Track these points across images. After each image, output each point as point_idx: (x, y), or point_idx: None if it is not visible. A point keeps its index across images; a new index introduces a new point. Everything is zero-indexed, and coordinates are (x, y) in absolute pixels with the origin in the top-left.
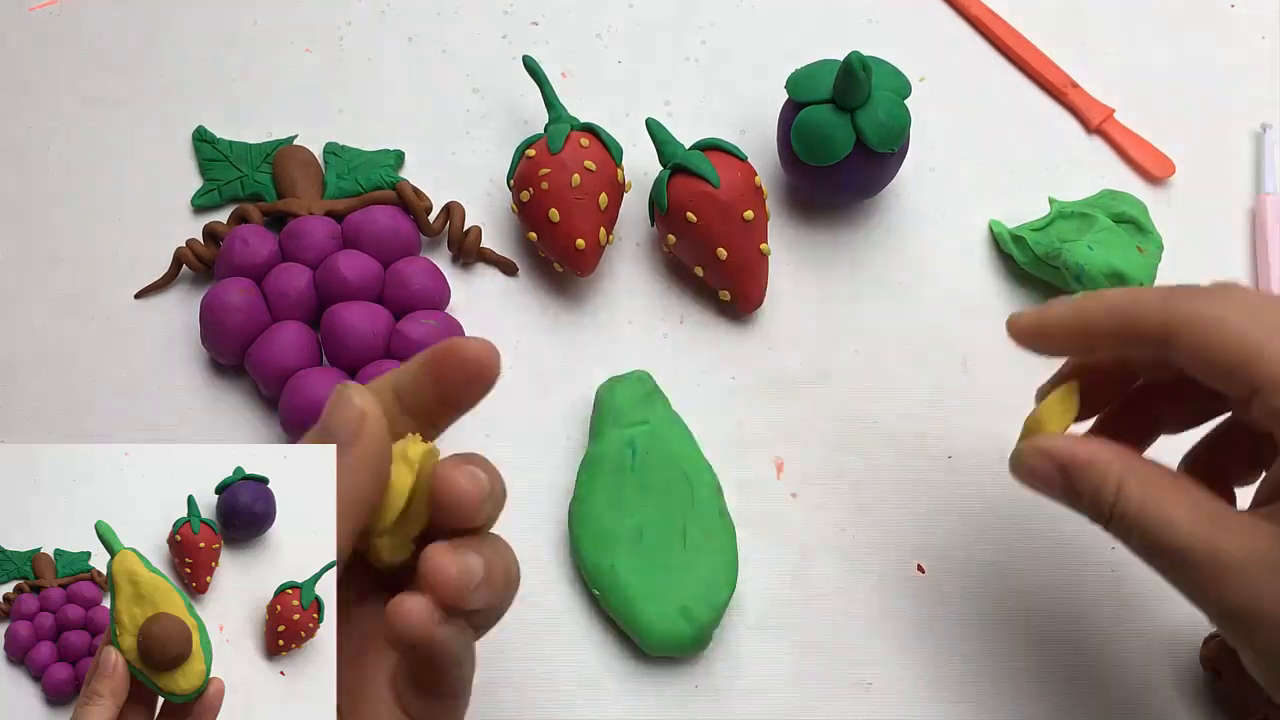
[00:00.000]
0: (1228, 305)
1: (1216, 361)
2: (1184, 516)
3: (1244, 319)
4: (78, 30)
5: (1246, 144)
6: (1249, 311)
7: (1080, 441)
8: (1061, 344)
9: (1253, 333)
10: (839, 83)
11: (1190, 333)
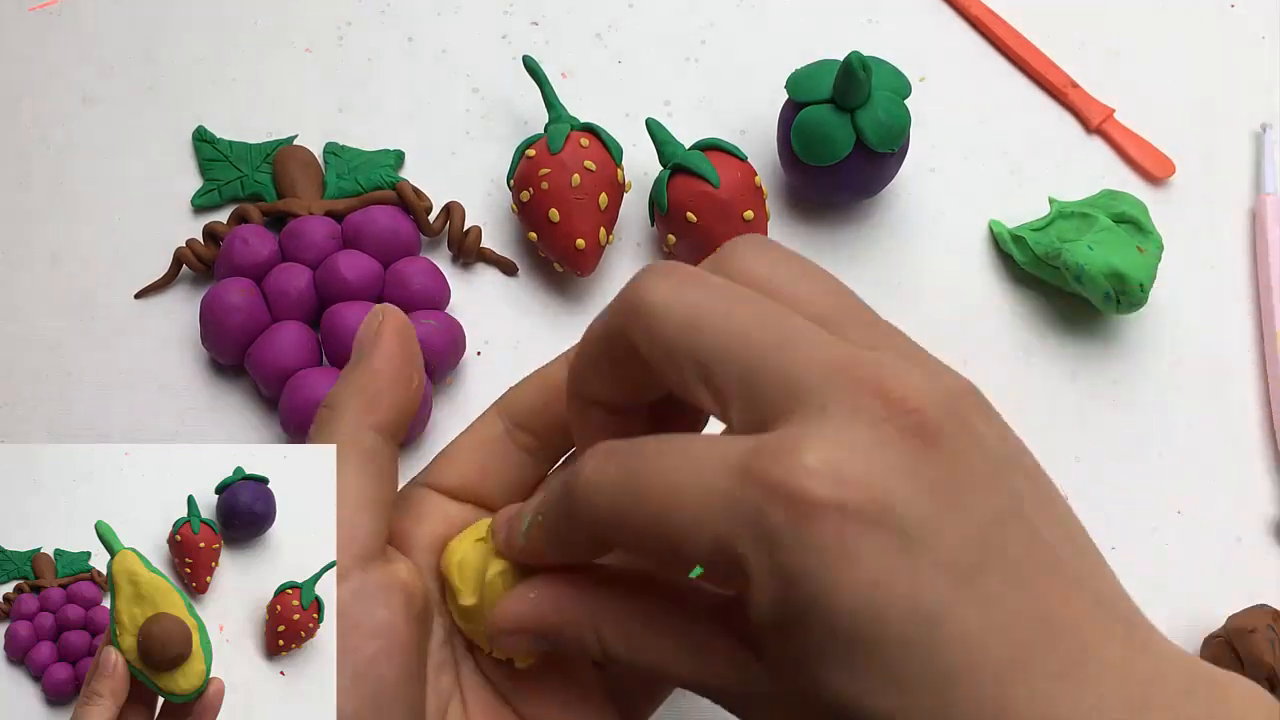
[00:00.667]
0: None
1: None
2: (671, 659)
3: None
4: (78, 30)
5: (1246, 144)
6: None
7: (545, 601)
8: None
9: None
10: (839, 83)
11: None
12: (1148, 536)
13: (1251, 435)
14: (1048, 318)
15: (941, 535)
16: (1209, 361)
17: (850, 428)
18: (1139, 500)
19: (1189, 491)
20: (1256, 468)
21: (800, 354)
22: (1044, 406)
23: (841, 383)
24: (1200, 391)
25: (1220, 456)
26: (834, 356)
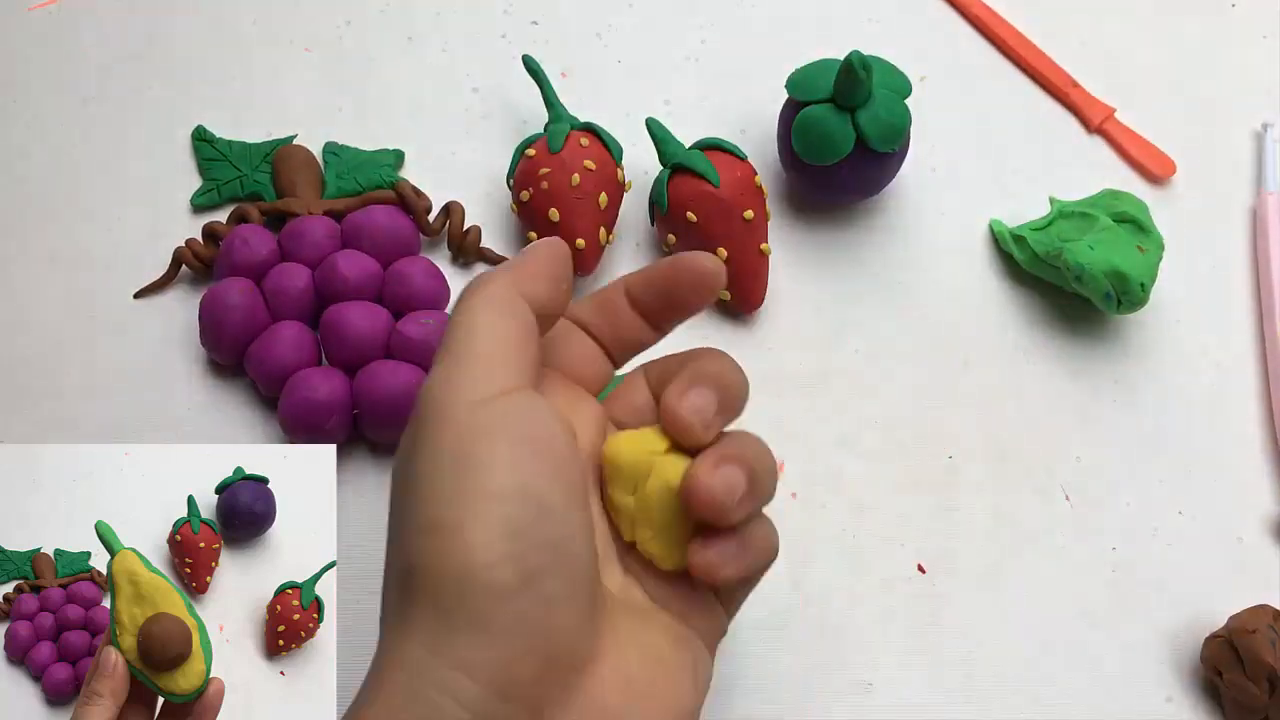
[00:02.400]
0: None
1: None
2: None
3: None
4: (78, 30)
5: (1246, 143)
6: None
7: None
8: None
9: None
10: (839, 82)
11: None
12: (1148, 536)
13: (1251, 435)
14: (1048, 318)
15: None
16: (1209, 361)
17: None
18: (1139, 500)
19: (1189, 491)
20: (1256, 468)
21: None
22: (1044, 406)
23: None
24: (1200, 391)
25: (1220, 456)
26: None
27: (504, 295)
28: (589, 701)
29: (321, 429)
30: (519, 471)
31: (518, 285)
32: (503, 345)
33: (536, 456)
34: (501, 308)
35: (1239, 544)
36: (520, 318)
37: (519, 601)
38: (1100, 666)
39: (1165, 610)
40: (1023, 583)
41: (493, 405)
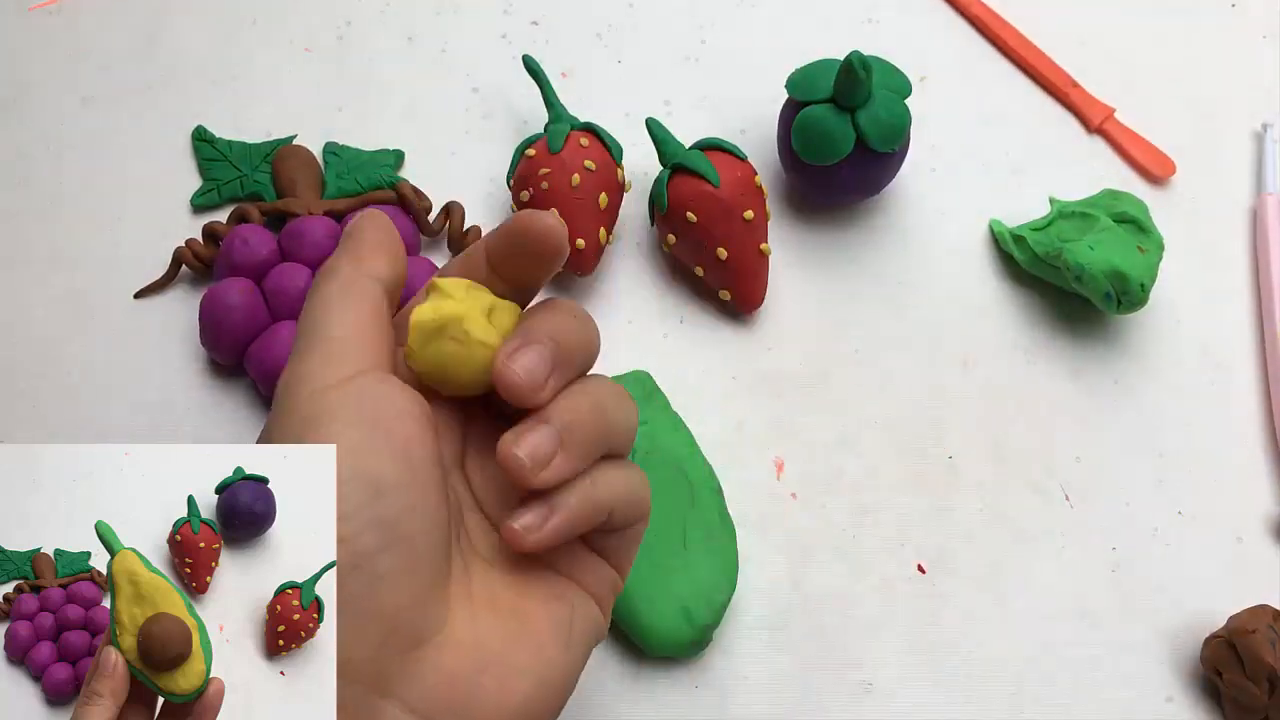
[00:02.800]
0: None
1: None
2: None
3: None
4: (78, 30)
5: (1246, 144)
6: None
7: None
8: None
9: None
10: (839, 82)
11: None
12: (1148, 536)
13: (1251, 435)
14: (1048, 318)
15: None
16: (1209, 361)
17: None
18: (1139, 500)
19: (1189, 491)
20: (1256, 468)
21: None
22: (1044, 406)
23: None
24: (1200, 391)
25: (1220, 456)
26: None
27: (349, 277)
28: (435, 671)
29: None
30: (353, 455)
31: (360, 266)
32: (350, 329)
33: (375, 437)
34: (348, 290)
35: (1239, 544)
36: (369, 299)
37: (349, 583)
38: (1100, 666)
39: (1165, 610)
40: (1023, 583)
41: (335, 390)
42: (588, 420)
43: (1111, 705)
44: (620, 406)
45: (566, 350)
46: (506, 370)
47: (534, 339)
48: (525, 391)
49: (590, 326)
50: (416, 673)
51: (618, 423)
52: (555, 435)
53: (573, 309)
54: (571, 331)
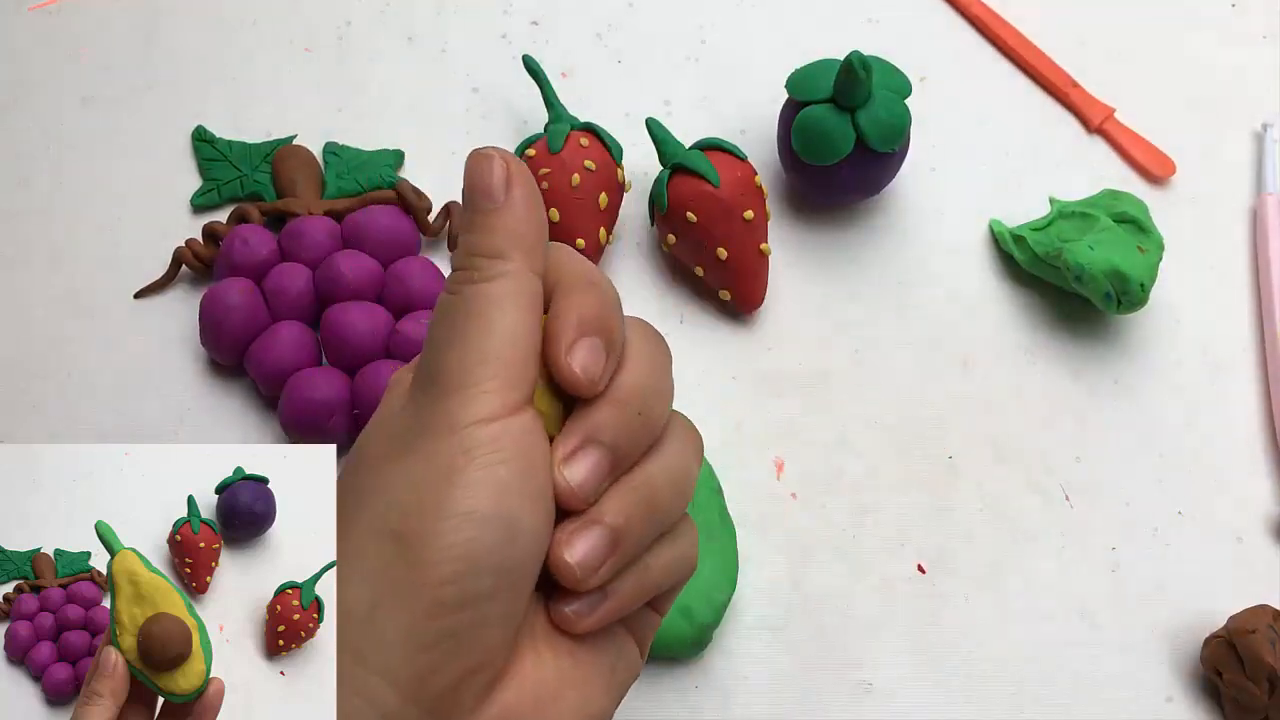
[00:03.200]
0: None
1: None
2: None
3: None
4: (78, 30)
5: (1246, 144)
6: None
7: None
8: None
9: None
10: (839, 82)
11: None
12: (1148, 536)
13: (1251, 435)
14: (1048, 318)
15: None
16: (1209, 361)
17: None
18: (1139, 500)
19: (1189, 491)
20: (1256, 468)
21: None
22: (1044, 406)
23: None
24: (1200, 391)
25: (1220, 456)
26: None
27: (528, 281)
28: (495, 705)
29: (321, 429)
30: (502, 493)
31: (534, 263)
32: (525, 350)
33: (524, 478)
34: (522, 301)
35: (1239, 544)
36: (538, 311)
37: (453, 620)
38: (1100, 666)
39: (1165, 610)
40: (1023, 583)
41: (499, 425)
42: (644, 516)
43: (1111, 705)
44: (684, 480)
45: (629, 447)
46: (557, 483)
47: (590, 438)
48: (577, 504)
49: (665, 378)
50: (482, 710)
51: (677, 503)
52: (609, 538)
53: (607, 302)
54: (617, 325)
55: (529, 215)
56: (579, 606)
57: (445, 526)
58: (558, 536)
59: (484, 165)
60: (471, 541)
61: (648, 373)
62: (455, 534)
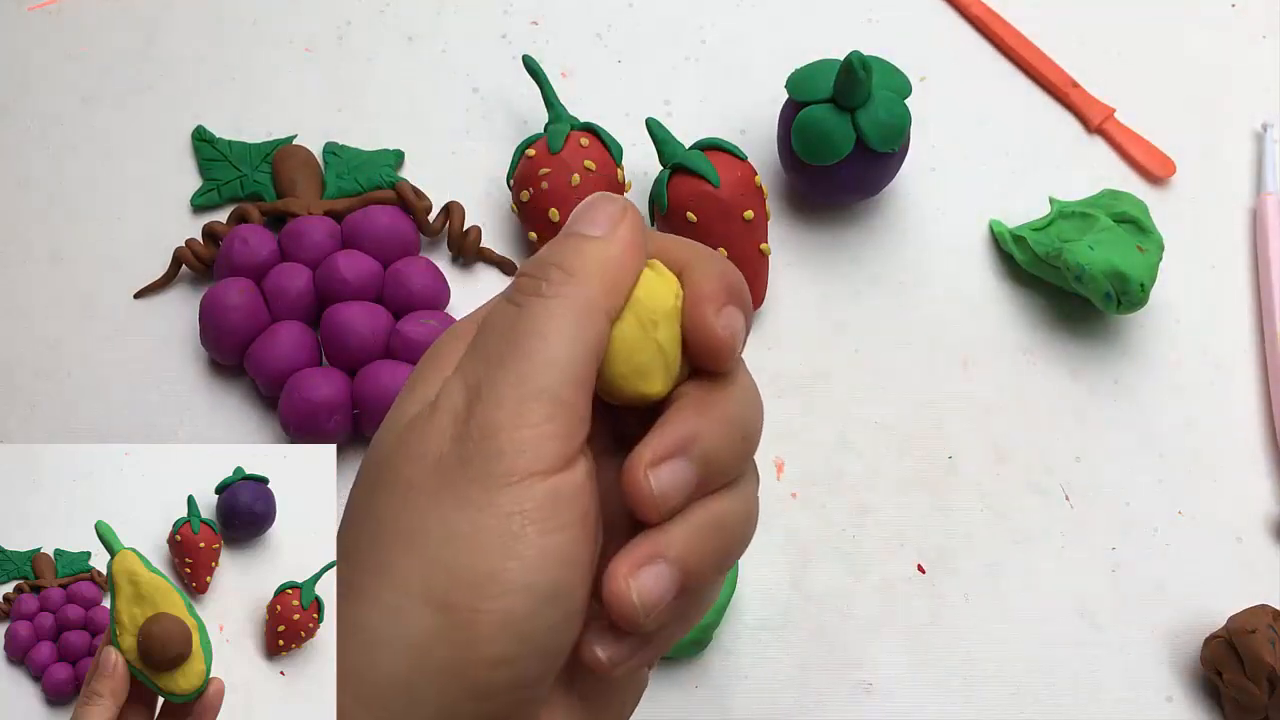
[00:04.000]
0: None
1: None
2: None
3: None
4: (78, 30)
5: (1246, 144)
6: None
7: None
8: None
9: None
10: (839, 82)
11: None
12: (1148, 536)
13: (1251, 435)
14: (1048, 318)
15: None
16: (1209, 361)
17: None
18: (1139, 500)
19: (1189, 491)
20: (1256, 468)
21: None
22: (1044, 406)
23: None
24: (1200, 391)
25: (1220, 456)
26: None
27: (597, 318)
28: None
29: (321, 429)
30: (560, 570)
31: (608, 303)
32: (580, 394)
33: (581, 547)
34: (589, 332)
35: (1239, 544)
36: (599, 353)
37: (496, 702)
38: (1100, 666)
39: (1165, 610)
40: (1023, 583)
41: (556, 480)
42: (714, 560)
43: (1111, 705)
44: (751, 525)
45: (722, 469)
46: (639, 485)
47: (688, 448)
48: (652, 515)
49: (762, 410)
50: None
51: (741, 548)
52: (677, 578)
53: (755, 386)
54: (747, 293)
55: (625, 258)
56: (619, 651)
57: (501, 604)
58: (619, 567)
59: (601, 201)
60: (527, 621)
61: (755, 396)
62: (511, 612)
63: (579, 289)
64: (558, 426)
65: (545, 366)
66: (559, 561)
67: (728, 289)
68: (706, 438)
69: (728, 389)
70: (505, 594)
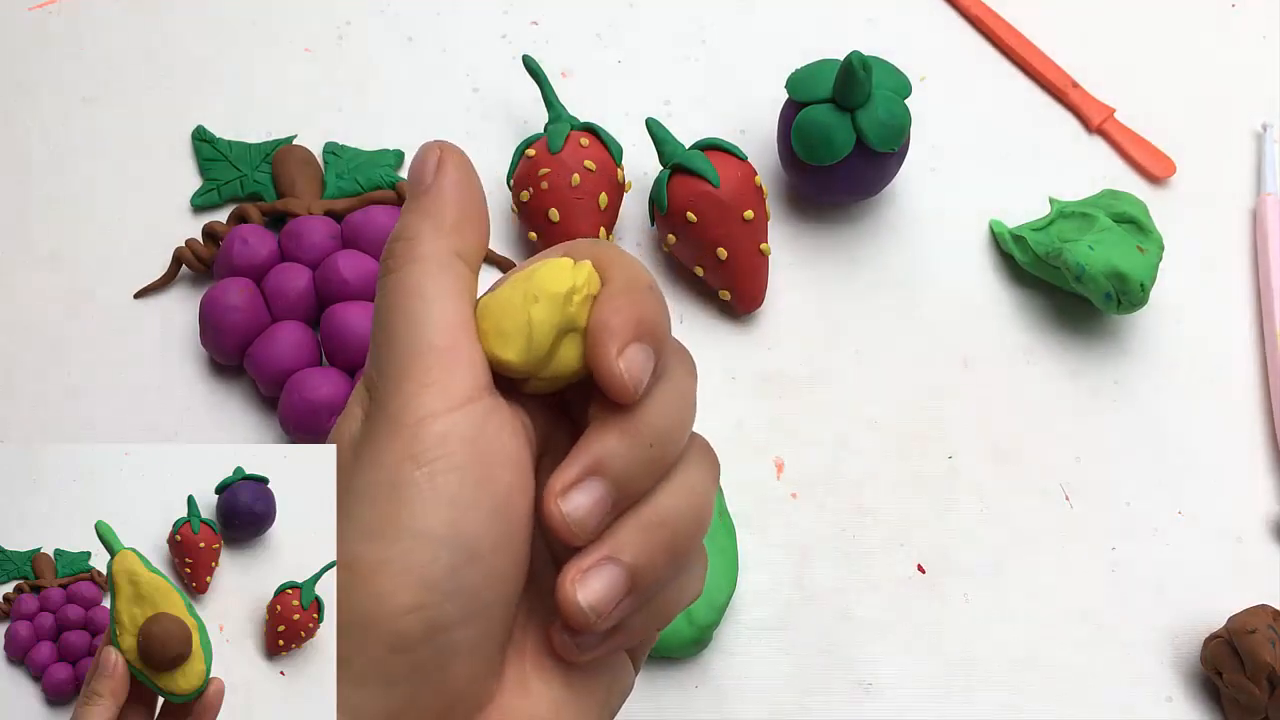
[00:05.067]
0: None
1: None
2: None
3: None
4: (78, 30)
5: (1246, 144)
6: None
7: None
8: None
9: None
10: (839, 82)
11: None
12: (1148, 536)
13: (1251, 435)
14: (1048, 318)
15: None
16: (1209, 361)
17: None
18: (1139, 500)
19: (1189, 491)
20: (1256, 468)
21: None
22: (1044, 406)
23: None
24: (1200, 391)
25: (1220, 456)
26: None
27: (447, 263)
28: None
29: (321, 429)
30: (456, 508)
31: (454, 243)
32: (452, 335)
33: (481, 489)
34: (440, 279)
35: (1239, 544)
36: (468, 291)
37: (419, 653)
38: (1100, 667)
39: (1165, 610)
40: (1023, 583)
41: (444, 421)
42: (665, 556)
43: (1111, 705)
44: (703, 510)
45: (637, 482)
46: (551, 514)
47: (595, 470)
48: (572, 540)
49: (689, 408)
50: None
51: (697, 537)
52: (625, 579)
53: (652, 300)
54: (662, 325)
55: (455, 196)
56: (585, 639)
57: (396, 551)
58: (569, 574)
59: (420, 153)
60: (427, 565)
61: (672, 402)
62: (407, 558)
63: (420, 247)
64: (439, 373)
65: (413, 325)
66: (451, 503)
67: (637, 323)
68: (615, 457)
69: (643, 399)
70: (398, 540)
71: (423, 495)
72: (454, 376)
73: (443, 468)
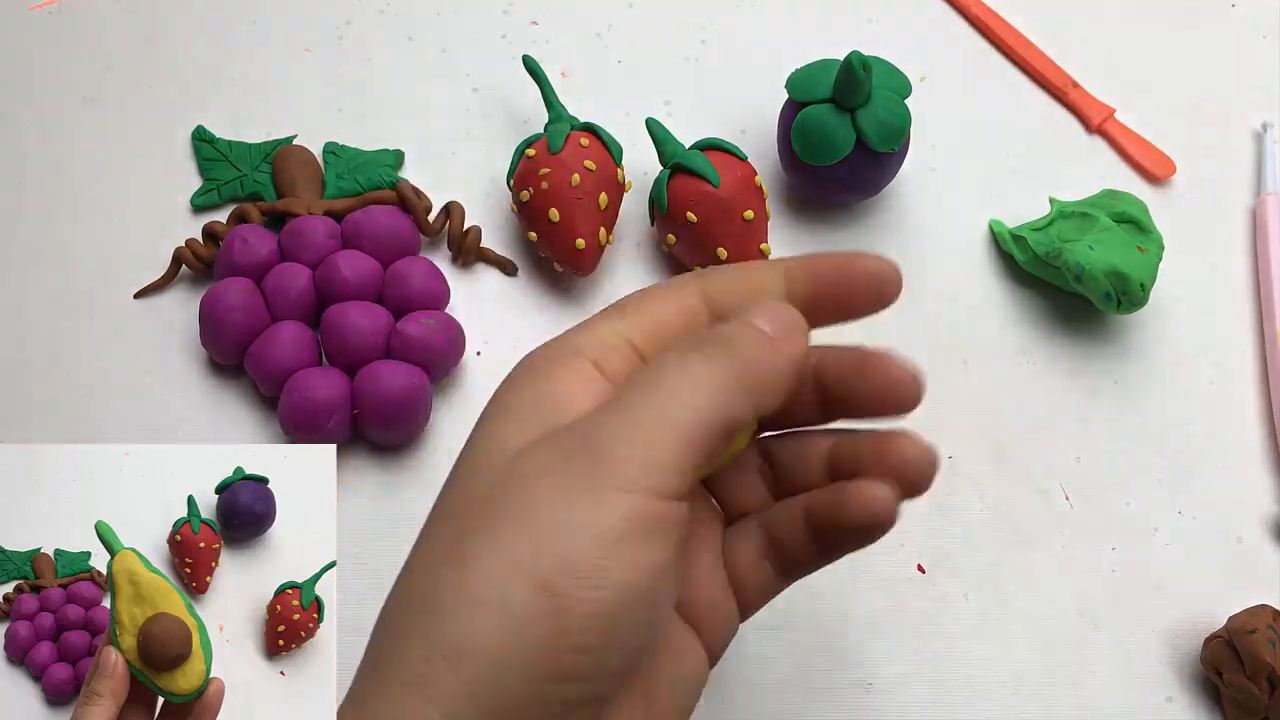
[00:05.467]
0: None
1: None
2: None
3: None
4: (78, 30)
5: (1246, 144)
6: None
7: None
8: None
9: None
10: (839, 82)
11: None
12: (1148, 536)
13: (1251, 435)
14: (1048, 318)
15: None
16: (1209, 361)
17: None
18: (1139, 500)
19: (1189, 491)
20: (1256, 468)
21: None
22: (1044, 406)
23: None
24: (1200, 391)
25: (1220, 456)
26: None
27: (743, 397)
28: None
29: (321, 429)
30: (659, 579)
31: (760, 397)
32: (702, 451)
33: (668, 565)
34: (731, 407)
35: (1239, 544)
36: (730, 427)
37: (573, 689)
38: (1100, 666)
39: (1165, 610)
40: (1023, 583)
41: (671, 505)
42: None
43: (1111, 705)
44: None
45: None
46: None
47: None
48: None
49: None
50: None
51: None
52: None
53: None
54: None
55: (786, 370)
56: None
57: (597, 595)
58: (905, 435)
59: (785, 311)
60: (617, 615)
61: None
62: (604, 603)
63: (743, 365)
64: (680, 460)
65: (685, 409)
66: (652, 572)
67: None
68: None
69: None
70: (603, 587)
71: (636, 556)
72: (684, 474)
73: (656, 541)
